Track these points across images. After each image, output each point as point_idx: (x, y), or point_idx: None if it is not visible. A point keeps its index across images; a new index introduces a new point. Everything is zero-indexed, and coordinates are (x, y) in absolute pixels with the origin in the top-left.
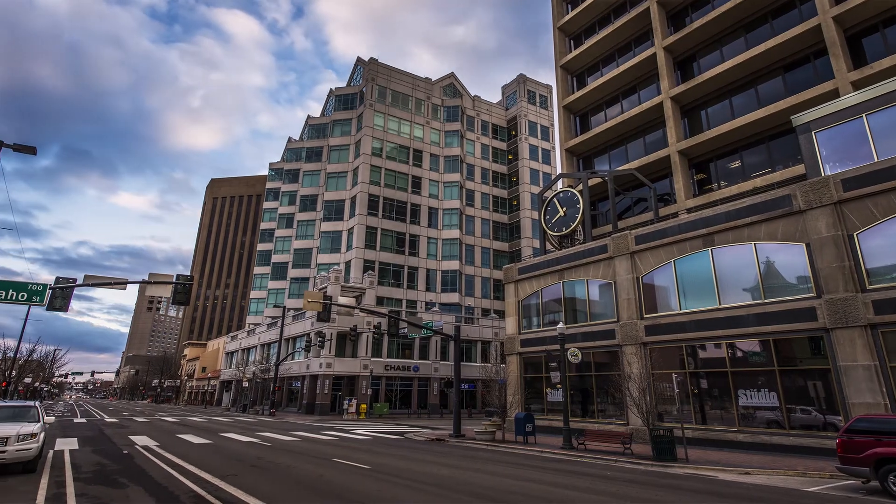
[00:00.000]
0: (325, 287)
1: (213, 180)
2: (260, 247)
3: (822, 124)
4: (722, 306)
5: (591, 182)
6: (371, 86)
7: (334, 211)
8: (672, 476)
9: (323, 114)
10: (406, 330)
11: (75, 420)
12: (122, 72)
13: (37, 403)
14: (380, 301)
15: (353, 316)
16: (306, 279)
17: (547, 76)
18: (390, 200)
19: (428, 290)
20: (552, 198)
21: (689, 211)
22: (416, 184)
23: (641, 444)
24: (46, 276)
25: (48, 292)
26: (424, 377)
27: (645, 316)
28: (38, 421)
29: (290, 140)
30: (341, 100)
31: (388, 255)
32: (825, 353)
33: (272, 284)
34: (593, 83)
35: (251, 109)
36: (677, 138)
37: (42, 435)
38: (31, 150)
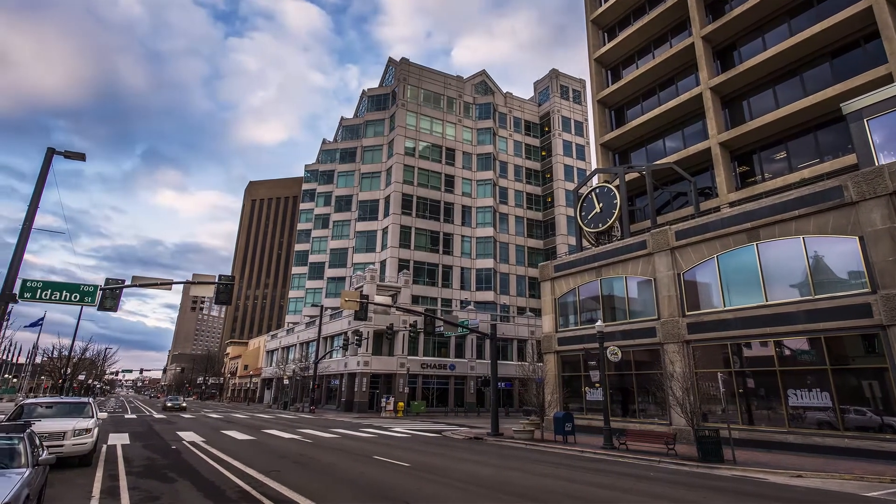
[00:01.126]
0: (362, 286)
1: (251, 182)
2: (297, 247)
3: (876, 111)
4: (769, 303)
5: (628, 177)
6: (403, 86)
7: (369, 211)
8: (719, 478)
9: (356, 115)
10: (442, 328)
11: (126, 416)
12: (194, 67)
13: (90, 400)
14: (415, 300)
15: (390, 314)
16: (343, 279)
17: (579, 71)
18: (424, 199)
19: (462, 288)
20: (588, 194)
21: (732, 205)
22: (450, 182)
23: (685, 445)
24: (118, 276)
25: (98, 293)
26: (461, 375)
27: (687, 313)
28: (92, 417)
29: (324, 142)
30: (374, 100)
31: (422, 254)
32: (881, 351)
33: (310, 284)
34: (629, 76)
35: (309, 104)
36: (718, 130)
37: (96, 430)
38: (80, 157)
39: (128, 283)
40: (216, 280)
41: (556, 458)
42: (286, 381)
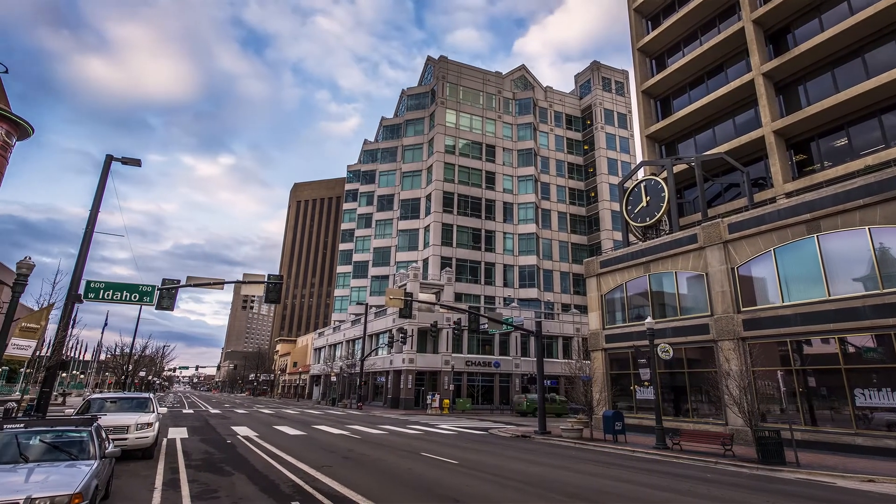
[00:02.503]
0: (405, 284)
1: (295, 184)
2: (342, 246)
3: None
4: (831, 297)
5: (676, 169)
6: (442, 83)
7: (410, 209)
8: (782, 481)
9: (396, 114)
10: (486, 326)
11: (184, 411)
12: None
13: (151, 395)
14: (458, 297)
15: (433, 312)
16: (386, 277)
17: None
18: (465, 197)
19: (506, 285)
20: (634, 187)
21: (789, 195)
22: (490, 179)
23: (743, 446)
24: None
25: (156, 293)
26: (505, 373)
27: (742, 309)
28: (153, 411)
29: (365, 142)
30: (413, 99)
31: (464, 252)
32: None
33: (354, 283)
34: (674, 65)
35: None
36: (772, 117)
37: (157, 424)
38: (136, 163)
39: (182, 282)
40: (265, 279)
41: (607, 457)
42: (334, 378)
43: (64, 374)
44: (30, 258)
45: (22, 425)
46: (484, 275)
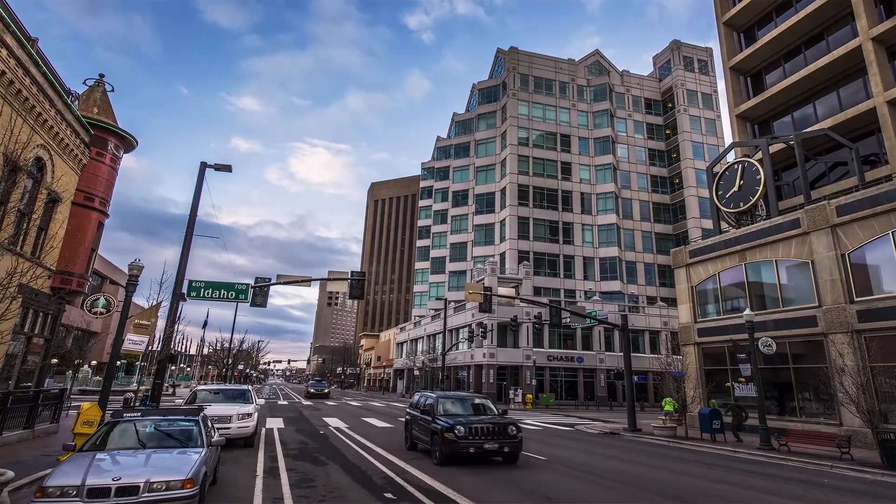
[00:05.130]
0: (483, 279)
1: (372, 184)
2: (419, 243)
3: None
4: None
5: (772, 149)
6: (513, 75)
7: (485, 204)
8: None
9: (467, 110)
10: (568, 320)
11: (279, 402)
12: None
13: (250, 387)
14: (536, 291)
15: (513, 306)
16: (463, 272)
17: (699, 38)
18: (540, 189)
19: (586, 278)
20: (724, 171)
21: None
22: (566, 170)
23: (862, 449)
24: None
25: (250, 291)
26: (589, 368)
27: (856, 299)
28: (252, 402)
29: (438, 139)
30: (484, 93)
31: (542, 245)
32: None
33: (432, 278)
34: (766, 36)
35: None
36: (884, 86)
37: (256, 415)
38: (227, 169)
39: (273, 280)
40: (349, 276)
41: (706, 457)
42: (416, 373)
43: (173, 367)
44: (139, 260)
45: (139, 414)
46: (563, 268)
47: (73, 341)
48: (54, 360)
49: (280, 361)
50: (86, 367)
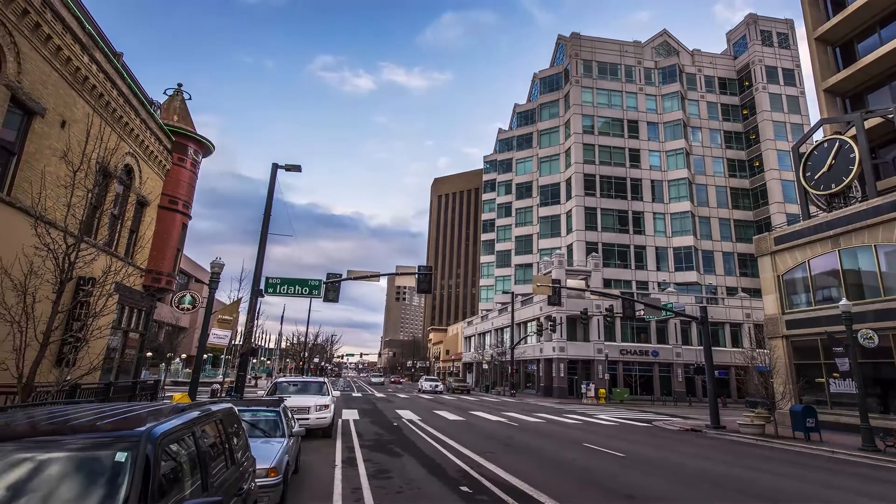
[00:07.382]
0: (550, 271)
1: (435, 180)
2: (483, 237)
3: None
4: None
5: (867, 124)
6: (575, 62)
7: (550, 195)
8: None
9: (529, 100)
10: (642, 312)
11: (353, 394)
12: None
13: (326, 380)
14: (606, 283)
15: (583, 299)
16: (529, 265)
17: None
18: (607, 178)
19: (659, 269)
20: (812, 150)
21: None
22: (635, 157)
23: None
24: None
25: (322, 287)
26: (665, 362)
27: None
28: (329, 395)
29: (500, 131)
30: (545, 82)
31: (610, 236)
32: None
33: (498, 272)
34: (858, 1)
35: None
36: None
37: (332, 406)
38: (296, 169)
39: (344, 276)
40: (416, 271)
41: (799, 458)
42: (485, 366)
43: (254, 360)
44: (220, 258)
45: None
46: (634, 259)
47: (164, 336)
48: (149, 354)
49: (353, 355)
50: (177, 360)
